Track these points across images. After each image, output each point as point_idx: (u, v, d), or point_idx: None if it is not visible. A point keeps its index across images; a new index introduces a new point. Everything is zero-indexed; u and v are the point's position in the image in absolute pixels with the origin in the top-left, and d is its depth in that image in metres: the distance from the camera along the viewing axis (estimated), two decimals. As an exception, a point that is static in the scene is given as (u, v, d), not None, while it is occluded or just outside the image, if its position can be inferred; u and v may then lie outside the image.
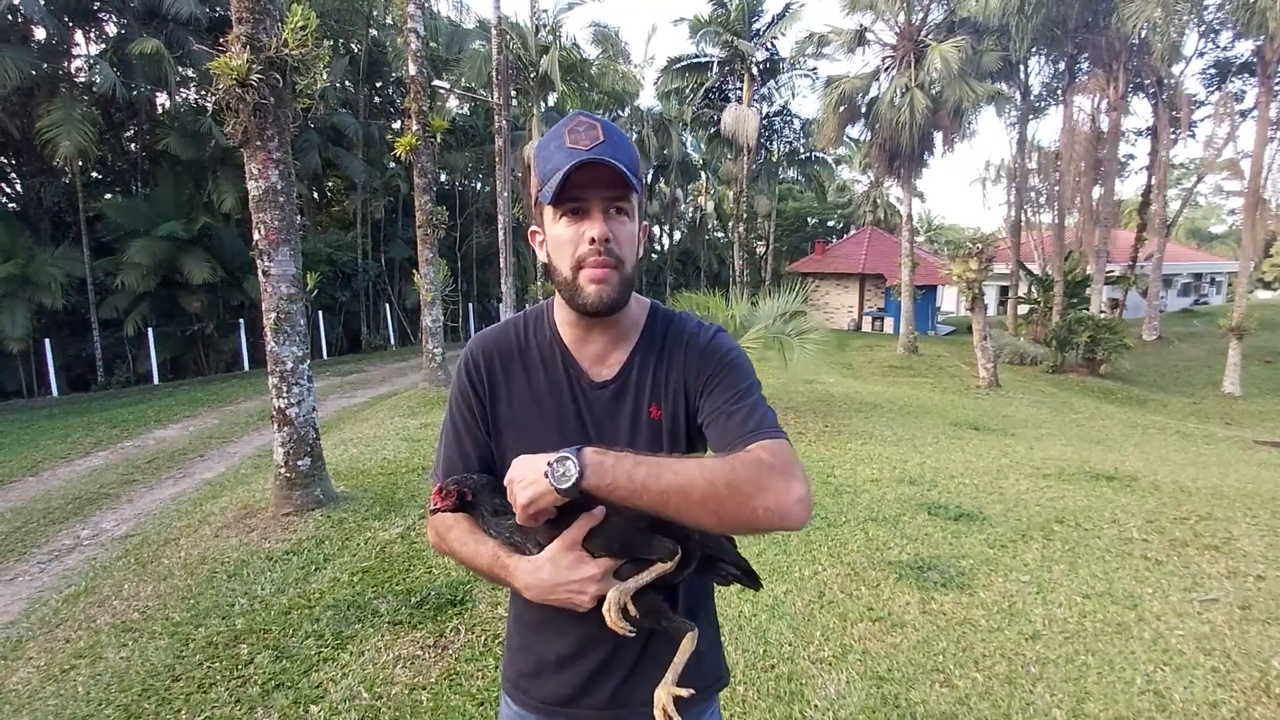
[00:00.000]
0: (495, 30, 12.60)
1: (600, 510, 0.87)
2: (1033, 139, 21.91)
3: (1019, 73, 19.89)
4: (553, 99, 20.48)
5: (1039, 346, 17.47)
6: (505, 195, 12.63)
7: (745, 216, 24.52)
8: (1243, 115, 19.89)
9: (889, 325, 23.92)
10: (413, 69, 9.32)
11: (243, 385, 12.07)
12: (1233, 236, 36.89)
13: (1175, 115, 20.04)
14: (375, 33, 19.86)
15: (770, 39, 22.81)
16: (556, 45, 17.00)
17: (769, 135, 26.18)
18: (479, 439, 1.04)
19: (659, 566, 0.89)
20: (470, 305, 23.00)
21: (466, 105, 22.35)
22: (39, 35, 13.09)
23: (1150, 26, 15.21)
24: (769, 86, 24.64)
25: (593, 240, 0.91)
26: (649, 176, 27.36)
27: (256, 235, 4.31)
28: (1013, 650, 2.76)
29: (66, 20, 13.52)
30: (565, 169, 0.88)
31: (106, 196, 15.76)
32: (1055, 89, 21.13)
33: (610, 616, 0.85)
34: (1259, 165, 15.72)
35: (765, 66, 23.62)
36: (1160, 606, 3.12)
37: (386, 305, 20.77)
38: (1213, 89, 21.14)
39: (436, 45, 18.98)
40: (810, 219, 38.54)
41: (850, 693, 2.48)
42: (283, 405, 4.43)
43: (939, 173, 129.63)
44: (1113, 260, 21.12)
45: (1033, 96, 21.29)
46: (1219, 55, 20.43)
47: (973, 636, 2.87)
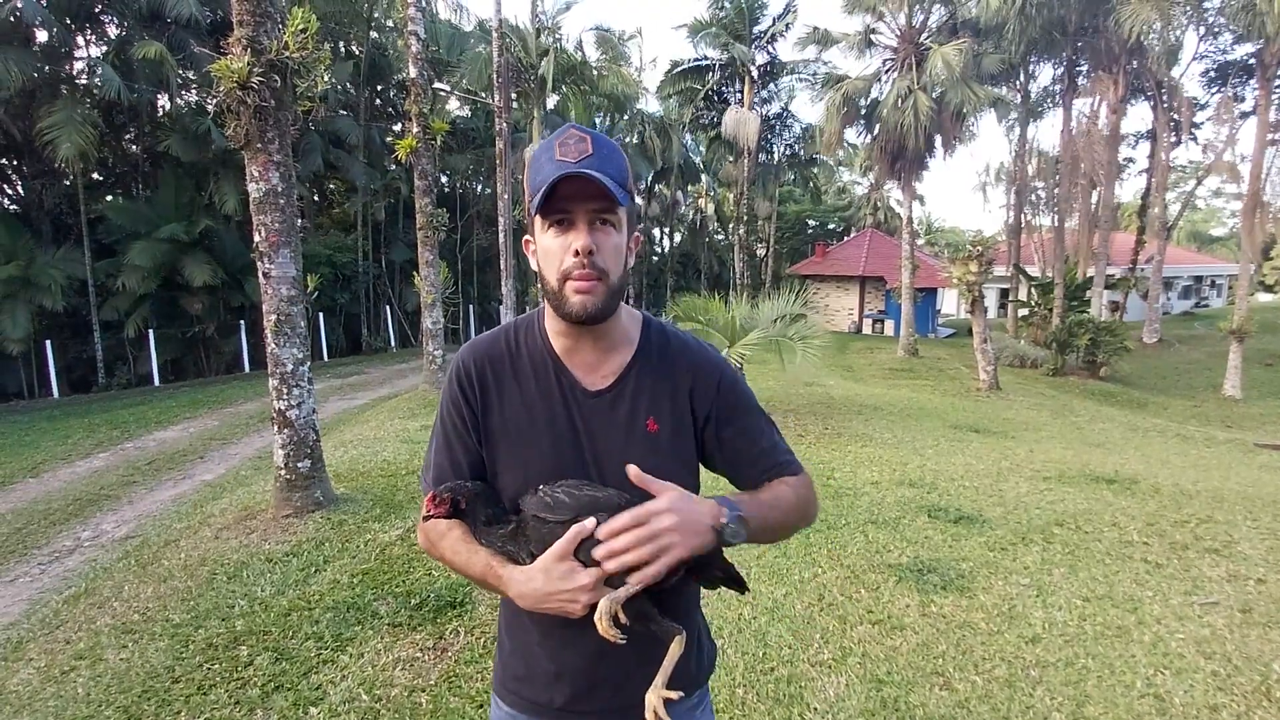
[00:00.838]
0: (496, 33, 12.63)
1: (590, 522, 0.89)
2: (1033, 142, 21.95)
3: (1020, 74, 19.91)
4: (553, 102, 20.50)
5: (1039, 349, 17.46)
6: (506, 197, 12.64)
7: (746, 219, 24.53)
8: (1242, 118, 19.93)
9: (889, 328, 23.92)
10: (413, 71, 9.34)
11: (243, 387, 12.07)
12: (1233, 239, 36.91)
13: (1175, 119, 20.07)
14: (376, 35, 19.90)
15: (770, 36, 22.77)
16: (555, 48, 17.03)
17: (770, 138, 26.20)
18: (469, 446, 1.05)
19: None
20: (471, 307, 23.01)
21: (467, 107, 22.39)
22: (41, 38, 13.11)
23: (1144, 29, 15.22)
24: (769, 89, 24.67)
25: (577, 253, 0.93)
26: (649, 179, 27.37)
27: (257, 237, 4.31)
28: (1012, 653, 2.76)
29: (68, 22, 13.56)
30: (550, 181, 0.90)
31: (108, 198, 15.81)
32: (1055, 92, 21.17)
33: (602, 625, 0.87)
34: (1259, 168, 15.73)
35: (765, 69, 23.64)
36: (1160, 610, 3.11)
37: (387, 307, 20.78)
38: (1213, 92, 21.18)
39: (437, 48, 19.01)
40: (811, 222, 38.58)
41: (850, 695, 2.48)
42: (283, 407, 4.43)
43: (939, 176, 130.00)
44: (1113, 263, 21.14)
45: (1033, 99, 21.32)
46: (1219, 58, 20.48)
47: (972, 639, 2.87)
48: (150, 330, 13.89)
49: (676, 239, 34.08)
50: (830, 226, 39.57)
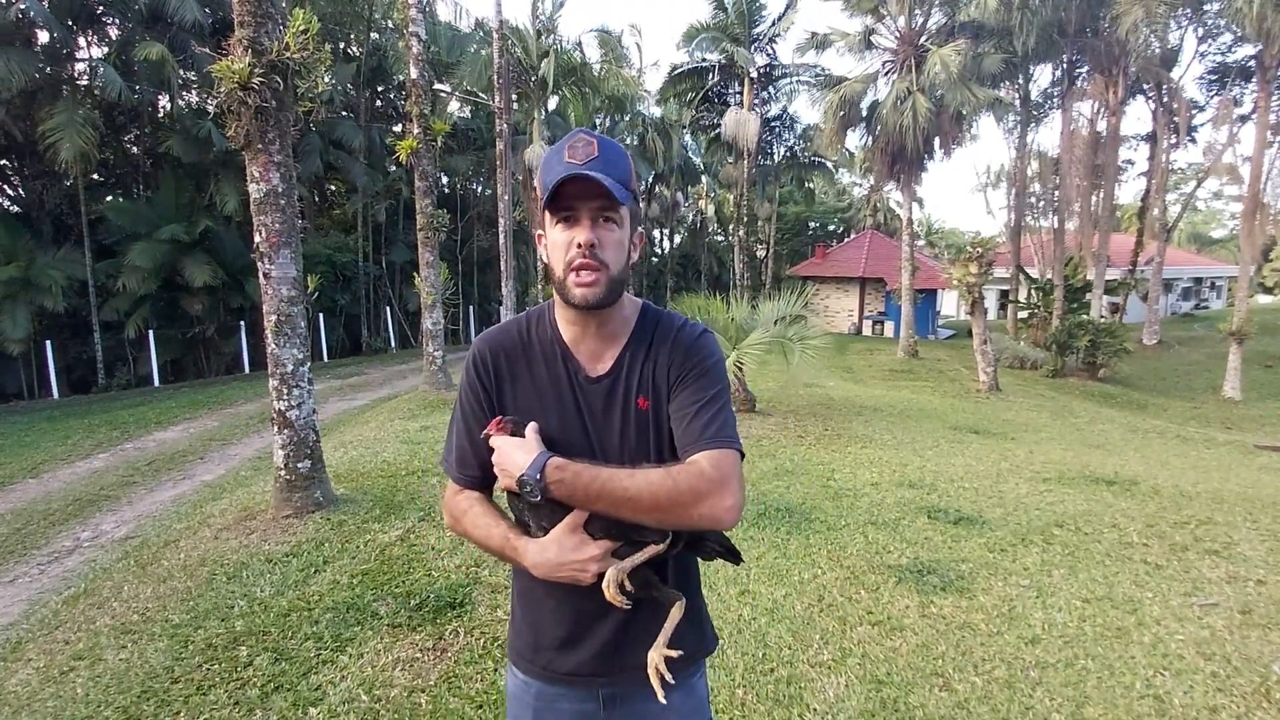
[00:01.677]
0: (496, 34, 12.65)
1: None
2: (1032, 143, 21.95)
3: (1019, 75, 19.91)
4: (554, 103, 20.51)
5: (1039, 350, 17.46)
6: (506, 199, 12.65)
7: (746, 220, 24.55)
8: (1242, 120, 19.93)
9: (889, 329, 23.92)
10: (414, 72, 9.35)
11: (243, 387, 12.08)
12: (1233, 241, 36.87)
13: (1174, 120, 20.08)
14: (376, 36, 19.92)
15: (770, 37, 22.76)
16: (555, 49, 17.04)
17: (769, 139, 26.21)
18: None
19: (652, 548, 1.01)
20: (471, 308, 23.02)
21: (468, 108, 22.40)
22: (42, 39, 13.14)
23: (1135, 30, 15.22)
24: (769, 91, 24.67)
25: (580, 246, 1.02)
26: (649, 180, 27.38)
27: (257, 238, 4.31)
28: (1012, 654, 2.76)
29: (70, 24, 13.57)
30: (557, 180, 1.00)
31: (108, 199, 15.81)
32: (1054, 94, 21.18)
33: (609, 592, 0.98)
34: (1258, 170, 15.74)
35: (765, 71, 23.65)
36: (1160, 611, 3.11)
37: (387, 308, 20.79)
38: (1212, 94, 21.19)
39: (437, 49, 19.03)
40: (812, 223, 38.59)
41: (849, 696, 2.48)
42: (283, 408, 4.43)
43: (939, 177, 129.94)
44: (1113, 264, 21.13)
45: (1032, 101, 21.33)
46: (1218, 60, 20.48)
47: (972, 640, 2.87)
48: (150, 331, 13.89)
49: (676, 240, 34.12)
50: (830, 228, 39.59)
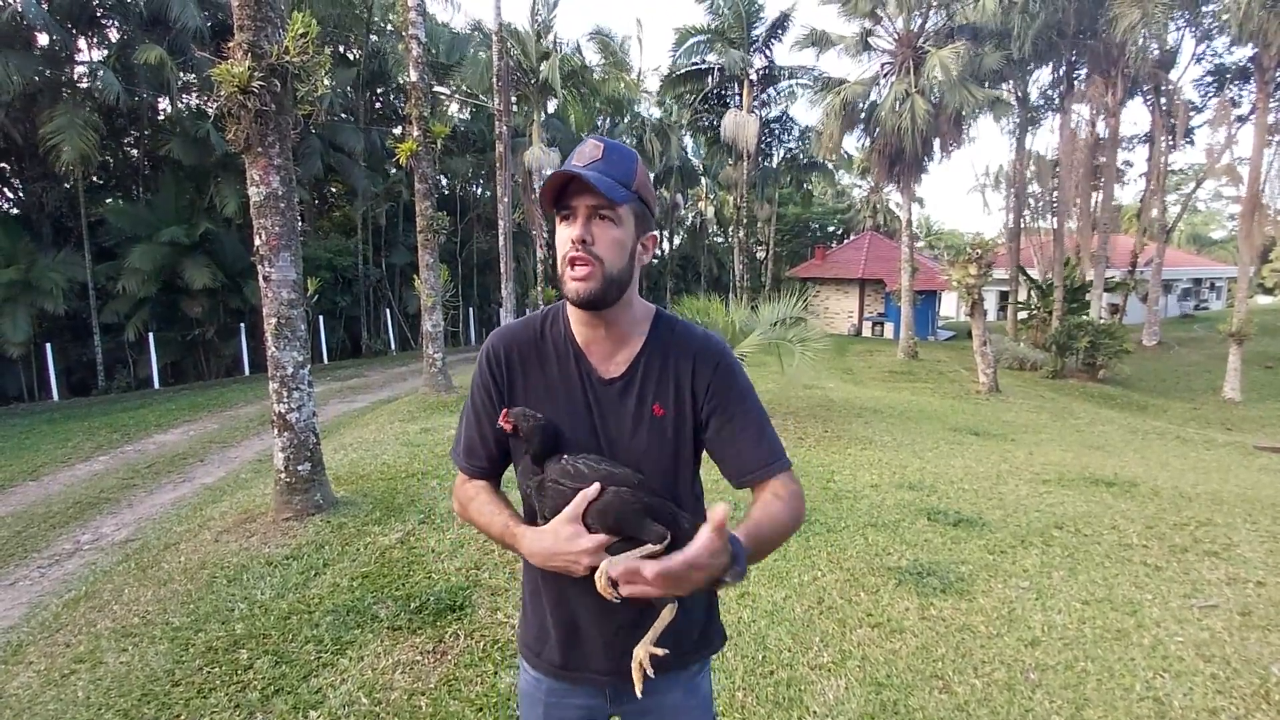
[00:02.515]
0: (496, 37, 12.67)
1: (595, 487, 1.01)
2: (1032, 145, 22.00)
3: (1018, 76, 19.94)
4: (553, 105, 20.52)
5: (1039, 352, 17.46)
6: (506, 201, 12.66)
7: (745, 221, 24.56)
8: (1240, 121, 19.95)
9: (889, 330, 23.93)
10: (414, 75, 9.36)
11: (243, 390, 12.08)
12: (1232, 242, 36.89)
13: (1172, 122, 20.10)
14: (376, 39, 19.95)
15: (768, 41, 22.79)
16: (556, 52, 17.07)
17: (769, 141, 26.23)
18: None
19: (649, 548, 1.00)
20: (471, 310, 23.03)
21: (468, 111, 22.43)
22: (42, 41, 13.16)
23: (1131, 31, 15.23)
24: (768, 93, 24.69)
25: (573, 241, 1.05)
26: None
27: (257, 241, 4.32)
28: (1012, 656, 2.76)
29: (70, 26, 13.59)
30: (553, 180, 1.04)
31: (108, 201, 15.82)
32: (1053, 96, 21.20)
33: (600, 583, 0.97)
34: (1257, 171, 15.75)
35: (764, 73, 23.67)
36: (1160, 613, 3.11)
37: (387, 310, 20.79)
38: (1211, 95, 21.21)
39: (436, 52, 19.05)
40: (812, 224, 38.60)
41: (849, 699, 2.48)
42: (283, 410, 4.43)
43: (938, 178, 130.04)
44: (1112, 265, 21.14)
45: (1031, 102, 21.35)
46: (1216, 61, 20.53)
47: (972, 643, 2.87)
48: (150, 333, 13.89)
49: (676, 242, 34.12)
50: (830, 229, 39.61)
